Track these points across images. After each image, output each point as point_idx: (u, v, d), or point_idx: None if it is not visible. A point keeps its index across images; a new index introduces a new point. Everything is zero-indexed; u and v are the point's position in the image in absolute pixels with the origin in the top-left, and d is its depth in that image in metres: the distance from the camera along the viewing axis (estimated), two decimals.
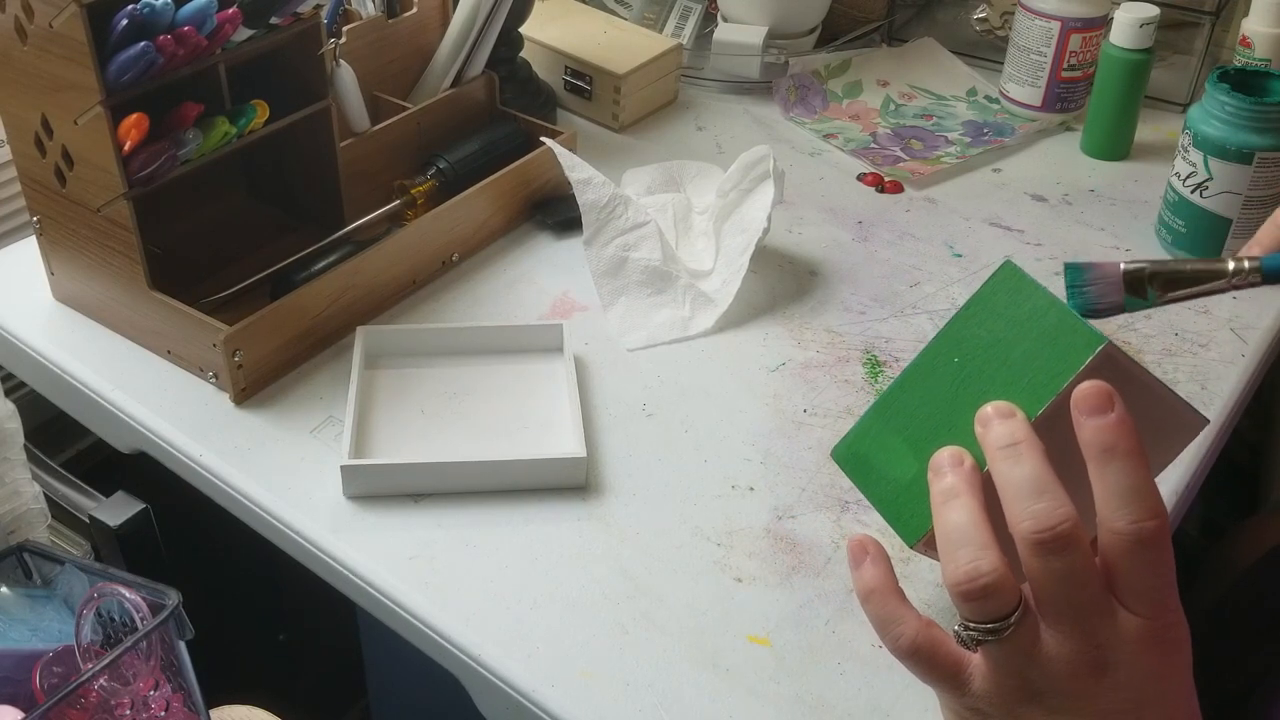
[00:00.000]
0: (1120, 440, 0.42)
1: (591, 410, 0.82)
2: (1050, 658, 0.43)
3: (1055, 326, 0.47)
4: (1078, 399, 0.43)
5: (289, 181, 0.95)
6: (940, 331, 0.52)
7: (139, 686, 0.67)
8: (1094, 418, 0.43)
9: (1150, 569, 0.42)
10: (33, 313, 0.89)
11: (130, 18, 0.71)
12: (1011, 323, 0.48)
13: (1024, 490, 0.43)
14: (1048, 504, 0.42)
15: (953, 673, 0.45)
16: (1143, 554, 0.42)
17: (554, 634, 0.67)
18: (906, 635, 0.46)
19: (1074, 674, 0.43)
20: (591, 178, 0.93)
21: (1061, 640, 0.43)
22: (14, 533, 0.86)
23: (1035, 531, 0.42)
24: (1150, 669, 0.43)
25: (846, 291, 0.94)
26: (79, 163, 0.78)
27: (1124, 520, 0.42)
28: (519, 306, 0.91)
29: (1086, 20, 1.11)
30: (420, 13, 1.03)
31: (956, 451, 0.47)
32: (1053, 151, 1.15)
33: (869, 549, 0.48)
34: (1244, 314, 0.93)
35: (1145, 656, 0.43)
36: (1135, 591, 0.43)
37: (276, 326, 0.82)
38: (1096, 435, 0.42)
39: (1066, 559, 0.42)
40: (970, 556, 0.43)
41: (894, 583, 0.47)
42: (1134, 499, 0.42)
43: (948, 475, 0.46)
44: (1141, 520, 0.42)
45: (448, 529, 0.73)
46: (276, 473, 0.76)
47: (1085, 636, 0.43)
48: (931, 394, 0.50)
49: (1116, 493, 0.42)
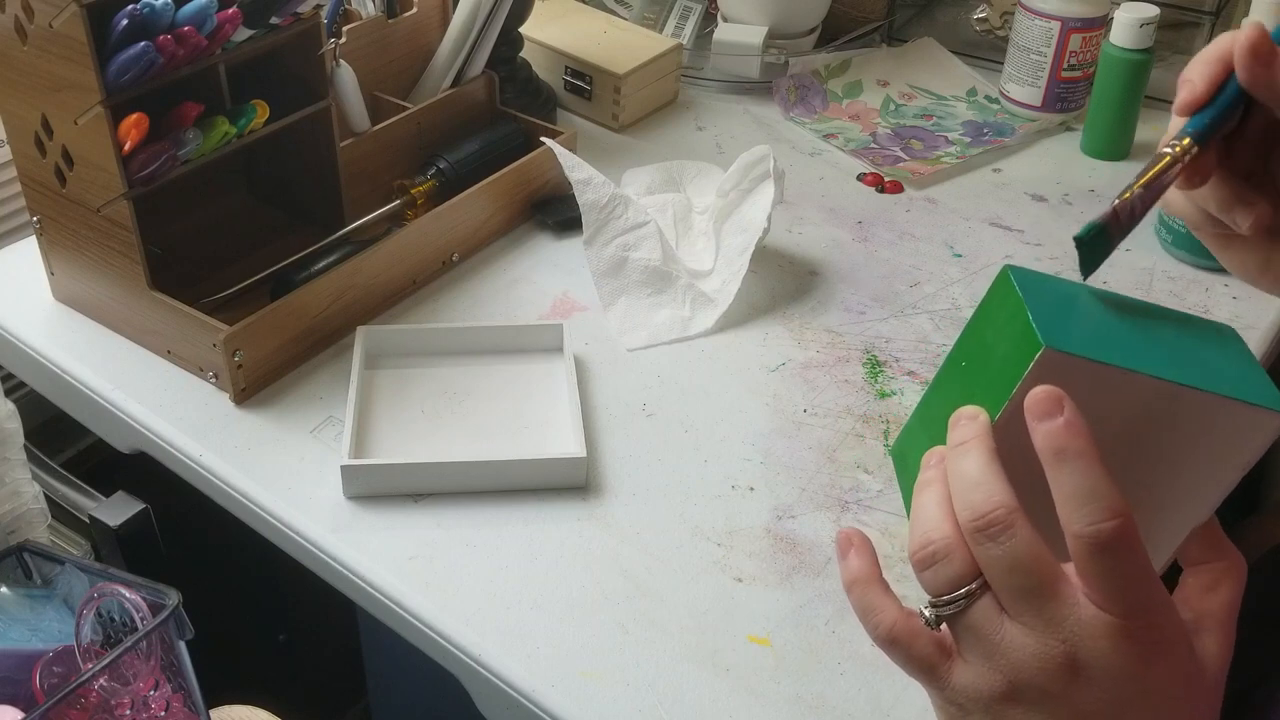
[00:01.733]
0: (1070, 441, 0.42)
1: (591, 410, 0.82)
2: (1016, 647, 0.44)
3: (1019, 328, 0.47)
4: (1029, 405, 0.44)
5: (289, 181, 0.95)
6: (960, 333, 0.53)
7: (139, 686, 0.67)
8: (1043, 422, 0.43)
9: (1118, 570, 0.42)
10: (33, 313, 0.89)
11: (130, 18, 0.71)
12: (997, 327, 0.50)
13: (964, 484, 0.44)
14: (983, 494, 0.43)
15: (932, 664, 0.46)
16: (1106, 555, 0.42)
17: (554, 634, 0.67)
18: (885, 623, 0.47)
19: (1044, 669, 0.43)
20: (591, 178, 0.93)
21: (1025, 631, 0.43)
22: (14, 533, 0.86)
23: (970, 520, 0.43)
24: (1126, 670, 0.43)
25: (846, 291, 0.94)
26: (79, 163, 0.78)
27: (1082, 523, 0.42)
28: (519, 306, 0.91)
29: (1086, 20, 1.11)
30: (420, 13, 1.03)
31: (941, 449, 0.48)
32: (1053, 151, 1.15)
33: (854, 540, 0.49)
34: (1244, 314, 0.93)
35: (1117, 656, 0.43)
36: (1104, 592, 0.43)
37: (276, 326, 0.82)
38: (1047, 440, 0.43)
39: (1005, 545, 0.43)
40: (924, 529, 0.45)
41: (877, 573, 0.48)
42: (1089, 500, 0.42)
43: (929, 469, 0.48)
44: (1099, 521, 0.42)
45: (448, 529, 0.73)
46: (276, 473, 0.76)
47: (1047, 626, 0.43)
48: (946, 397, 0.52)
49: (1072, 496, 0.42)
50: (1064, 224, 1.03)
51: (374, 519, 0.74)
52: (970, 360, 0.51)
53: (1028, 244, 1.01)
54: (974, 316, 0.52)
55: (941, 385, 0.53)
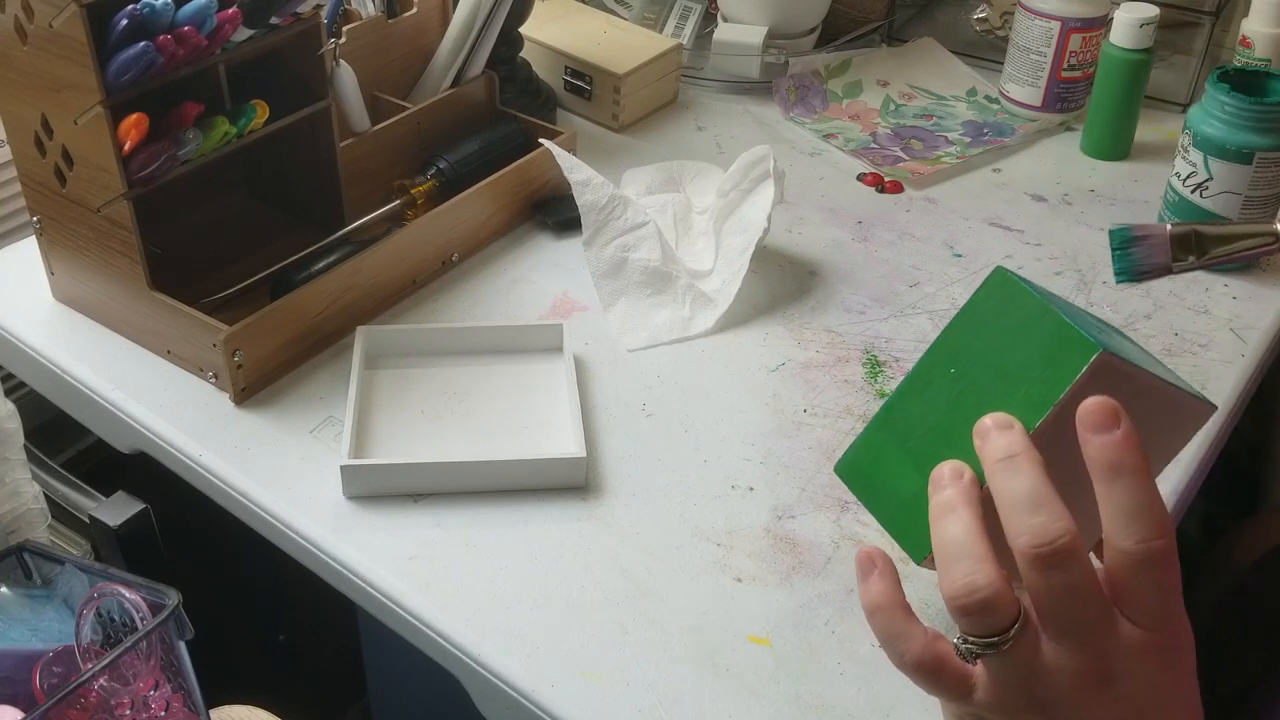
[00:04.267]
0: (1126, 457, 0.42)
1: (591, 410, 0.82)
2: (1053, 670, 0.43)
3: (1050, 334, 0.46)
4: (1083, 415, 0.42)
5: (289, 181, 0.95)
6: (934, 341, 0.51)
7: (139, 686, 0.67)
8: (1099, 435, 0.42)
9: (1157, 586, 0.42)
10: (33, 313, 0.89)
11: (130, 18, 0.71)
12: (1004, 331, 0.48)
13: (1021, 503, 0.42)
14: (1045, 517, 0.42)
15: (958, 685, 0.45)
16: (1150, 572, 0.42)
17: (554, 634, 0.67)
18: (913, 651, 0.45)
19: (1077, 686, 0.43)
20: (590, 179, 0.93)
21: (1064, 653, 0.43)
22: (14, 533, 0.86)
23: (1033, 546, 0.41)
24: (1152, 681, 0.43)
25: (846, 291, 0.94)
26: (79, 163, 0.78)
27: (1131, 539, 0.41)
28: (519, 306, 0.91)
29: (1086, 20, 1.11)
30: (420, 13, 1.03)
31: (956, 465, 0.46)
32: (1053, 151, 1.15)
33: (877, 562, 0.47)
34: (1244, 314, 0.93)
35: (1148, 668, 0.43)
36: (1141, 608, 0.42)
37: (276, 326, 0.82)
38: (1102, 453, 0.42)
39: (1066, 573, 0.41)
40: (967, 570, 0.42)
41: (901, 597, 0.47)
42: (1141, 517, 0.41)
43: (946, 489, 0.45)
44: (1149, 539, 0.41)
45: (448, 529, 0.73)
46: (276, 473, 0.76)
47: (1088, 649, 0.42)
48: (930, 407, 0.49)
49: (1123, 511, 0.42)
50: (1064, 224, 1.03)
51: (374, 519, 0.74)
52: (965, 367, 0.49)
53: (1028, 244, 1.01)
54: (960, 321, 0.50)
55: (916, 396, 0.50)
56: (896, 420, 0.51)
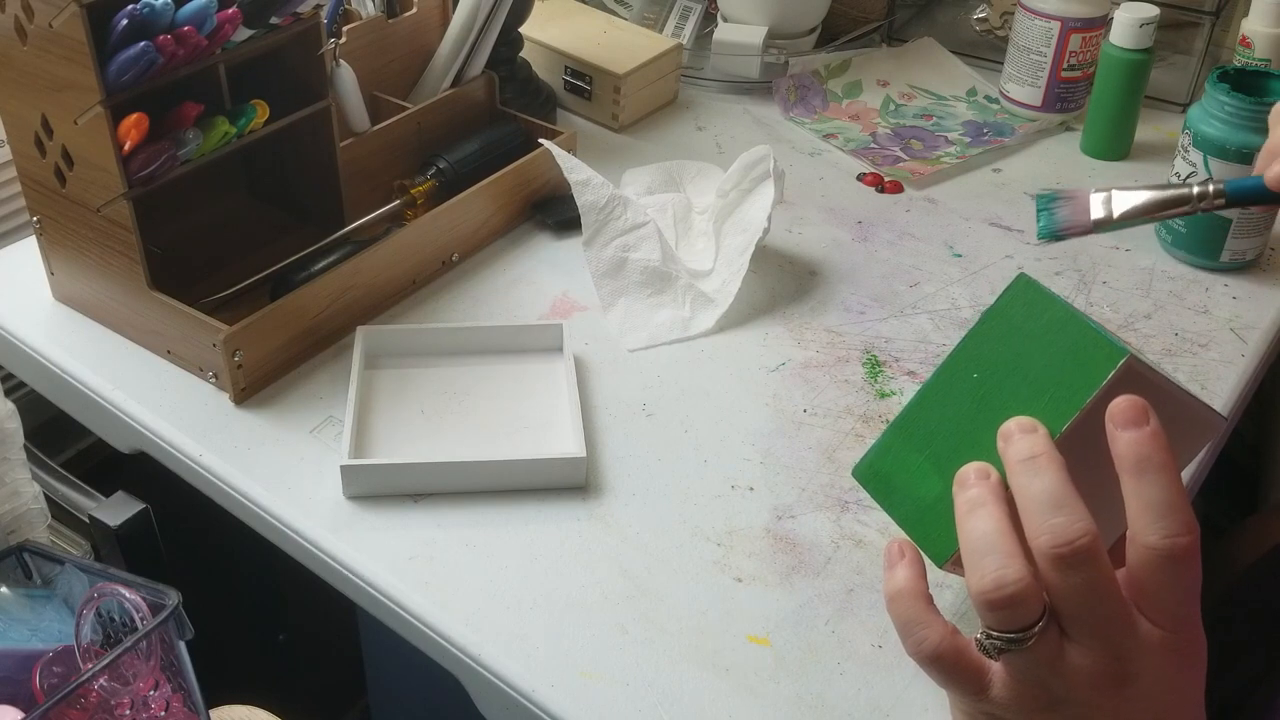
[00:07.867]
0: (1155, 453, 0.42)
1: (591, 410, 0.82)
2: (1072, 669, 0.43)
3: (1075, 340, 0.46)
4: (1113, 412, 0.43)
5: (289, 181, 0.95)
6: (957, 346, 0.51)
7: (139, 686, 0.67)
8: (1129, 430, 0.42)
9: (1179, 584, 0.42)
10: (33, 313, 0.89)
11: (130, 18, 0.71)
12: (1029, 337, 0.48)
13: (1042, 504, 0.42)
14: (1066, 518, 0.42)
15: (973, 679, 0.45)
16: (1173, 570, 0.42)
17: (554, 634, 0.67)
18: (930, 641, 0.45)
19: (1095, 685, 0.43)
20: (590, 179, 0.93)
21: (1084, 652, 0.43)
22: (14, 533, 0.86)
23: (1054, 545, 0.42)
24: (1170, 681, 0.43)
25: (846, 291, 0.94)
26: (79, 163, 0.78)
27: (1157, 535, 0.41)
28: (519, 306, 0.91)
29: (1086, 20, 1.11)
30: (420, 13, 1.03)
31: (982, 466, 0.46)
32: (1053, 151, 1.15)
33: (906, 553, 0.48)
34: (1244, 314, 0.93)
35: (1166, 669, 0.43)
36: (1161, 606, 0.42)
37: (276, 326, 0.82)
38: (1131, 448, 0.42)
39: (1086, 573, 0.41)
40: (996, 565, 0.42)
41: (924, 587, 0.47)
42: (1168, 514, 0.41)
43: (973, 487, 0.45)
44: (1175, 535, 0.41)
45: (448, 529, 0.73)
46: (276, 473, 0.76)
47: (1107, 649, 0.42)
48: (952, 411, 0.50)
49: (1151, 507, 0.42)
50: None
51: (374, 519, 0.74)
52: (988, 372, 0.49)
53: (1028, 244, 1.01)
54: (983, 327, 0.50)
55: (938, 401, 0.51)
56: (917, 425, 0.51)
